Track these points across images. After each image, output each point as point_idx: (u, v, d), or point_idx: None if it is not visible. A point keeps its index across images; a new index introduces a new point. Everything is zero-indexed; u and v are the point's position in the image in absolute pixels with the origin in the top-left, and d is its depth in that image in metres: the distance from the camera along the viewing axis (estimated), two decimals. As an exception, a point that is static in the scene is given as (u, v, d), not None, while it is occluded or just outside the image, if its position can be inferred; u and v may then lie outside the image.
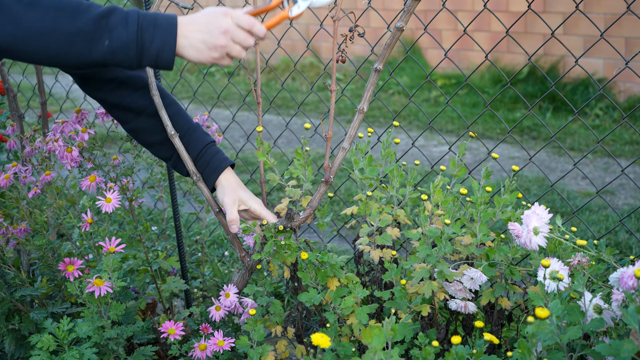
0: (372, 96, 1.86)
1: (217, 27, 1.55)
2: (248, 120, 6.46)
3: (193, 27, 1.54)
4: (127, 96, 1.98)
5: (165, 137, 1.99)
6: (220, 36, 1.55)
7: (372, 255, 2.01)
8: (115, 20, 1.49)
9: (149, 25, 1.51)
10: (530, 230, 1.50)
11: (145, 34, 1.51)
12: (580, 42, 6.08)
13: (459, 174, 2.07)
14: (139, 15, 1.51)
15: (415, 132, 5.94)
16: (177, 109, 2.02)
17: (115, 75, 1.98)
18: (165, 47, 1.52)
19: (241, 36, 1.57)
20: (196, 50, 1.56)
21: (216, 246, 3.31)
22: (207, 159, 2.00)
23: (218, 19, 1.56)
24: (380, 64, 1.78)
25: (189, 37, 1.54)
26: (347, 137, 1.88)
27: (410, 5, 1.68)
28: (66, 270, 1.87)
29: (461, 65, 6.94)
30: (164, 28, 1.52)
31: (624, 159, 4.92)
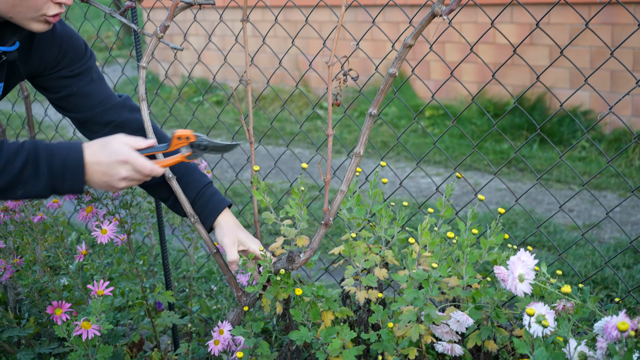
0: (367, 140, 1.88)
1: (117, 173, 1.75)
2: (237, 151, 6.47)
3: (97, 168, 1.74)
4: None
5: (163, 179, 2.00)
6: (119, 181, 1.76)
7: (357, 297, 2.02)
8: (27, 174, 1.68)
9: (58, 173, 1.70)
10: (515, 278, 1.52)
11: (56, 182, 1.71)
12: (566, 75, 6.15)
13: (446, 214, 2.09)
14: (49, 163, 1.69)
15: (403, 162, 5.97)
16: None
17: (112, 119, 2.00)
18: (74, 189, 1.74)
19: (138, 177, 1.79)
20: (99, 187, 1.78)
21: (203, 280, 3.31)
22: (205, 200, 2.02)
23: (117, 167, 1.75)
24: (375, 109, 1.81)
25: (93, 177, 1.74)
26: (345, 180, 1.90)
27: (402, 52, 1.71)
28: (54, 313, 1.87)
29: (449, 96, 7.00)
30: (72, 173, 1.71)
31: (610, 191, 4.95)
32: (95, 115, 1.99)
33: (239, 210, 3.21)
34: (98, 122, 2.00)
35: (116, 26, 14.65)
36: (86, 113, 1.99)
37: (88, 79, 1.99)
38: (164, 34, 1.95)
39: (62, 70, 1.95)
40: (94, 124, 2.00)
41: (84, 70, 1.99)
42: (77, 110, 2.00)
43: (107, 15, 2.61)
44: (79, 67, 1.97)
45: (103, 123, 2.00)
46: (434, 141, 6.27)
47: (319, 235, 1.96)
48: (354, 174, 1.90)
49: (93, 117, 1.99)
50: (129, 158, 1.76)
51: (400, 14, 7.19)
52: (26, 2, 1.68)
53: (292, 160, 6.01)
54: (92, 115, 1.99)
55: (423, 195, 5.04)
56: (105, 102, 2.01)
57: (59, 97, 1.99)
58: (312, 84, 8.24)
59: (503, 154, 5.89)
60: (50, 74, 1.95)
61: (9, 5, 1.67)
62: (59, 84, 1.97)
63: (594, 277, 3.56)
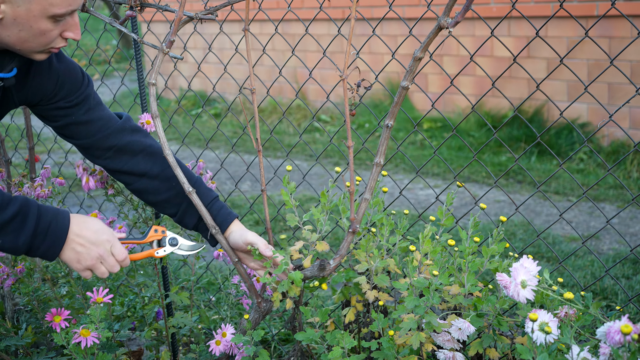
0: (386, 149, 1.91)
1: (94, 251, 1.80)
2: (234, 163, 6.47)
3: (77, 240, 1.79)
4: (127, 162, 2.03)
5: (169, 196, 2.04)
6: (91, 259, 1.81)
7: (367, 295, 2.02)
8: (12, 227, 1.71)
9: (41, 233, 1.74)
10: (518, 284, 1.51)
11: (36, 242, 1.74)
12: (564, 87, 6.16)
13: (446, 223, 2.09)
14: (37, 222, 1.73)
15: (401, 174, 5.98)
16: (181, 166, 2.06)
17: (113, 144, 2.02)
18: (47, 254, 1.77)
19: (110, 262, 1.84)
20: (68, 259, 1.80)
21: (202, 291, 3.30)
22: (214, 214, 2.04)
23: (98, 244, 1.81)
24: (391, 120, 1.85)
25: (69, 246, 1.78)
26: (368, 188, 1.93)
27: (413, 65, 1.74)
28: (53, 320, 1.86)
29: (447, 108, 7.02)
30: (53, 237, 1.76)
31: (608, 203, 4.96)
32: (97, 141, 2.02)
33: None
34: (100, 147, 2.02)
35: (114, 40, 14.70)
36: (87, 140, 2.01)
37: (86, 108, 2.01)
38: (169, 49, 1.96)
39: (60, 102, 1.97)
40: (97, 149, 2.03)
41: (82, 100, 2.00)
42: (78, 137, 2.02)
43: (106, 26, 2.62)
44: (76, 97, 1.99)
45: (105, 148, 2.02)
46: (431, 153, 6.28)
47: (347, 242, 1.98)
48: (376, 182, 1.92)
49: (95, 143, 2.02)
50: (112, 240, 1.84)
51: (398, 28, 7.22)
52: (38, 39, 1.72)
53: (290, 172, 6.01)
54: (94, 142, 2.02)
55: (421, 207, 5.04)
56: (106, 128, 2.02)
57: (59, 125, 2.01)
58: (310, 97, 8.26)
59: (501, 166, 5.89)
60: (48, 105, 1.97)
61: (21, 40, 1.71)
62: (57, 114, 1.98)
63: (593, 288, 3.55)
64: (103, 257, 1.82)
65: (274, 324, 3.07)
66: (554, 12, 6.09)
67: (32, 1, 1.65)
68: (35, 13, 1.66)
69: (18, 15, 1.66)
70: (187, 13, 2.02)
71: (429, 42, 1.69)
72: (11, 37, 1.70)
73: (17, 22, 1.67)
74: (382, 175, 2.33)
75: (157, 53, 1.96)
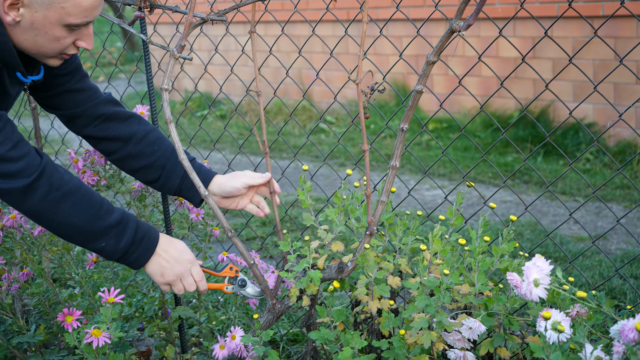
0: (402, 151, 1.92)
1: (176, 267, 1.94)
2: (240, 164, 6.48)
3: (163, 255, 1.93)
4: (115, 128, 2.12)
5: (152, 160, 2.12)
6: (172, 275, 1.94)
7: (370, 306, 2.01)
8: (116, 231, 1.85)
9: (138, 241, 1.88)
10: (530, 282, 1.51)
11: (131, 248, 1.88)
12: (569, 88, 6.16)
13: (456, 222, 2.09)
14: (136, 230, 1.88)
15: (407, 175, 5.97)
16: (158, 134, 2.17)
17: (102, 112, 2.11)
18: (138, 261, 1.91)
19: (189, 281, 1.96)
20: (152, 271, 1.93)
21: (210, 292, 3.30)
22: (196, 169, 2.10)
23: (181, 263, 1.95)
24: (406, 124, 1.86)
25: (155, 259, 1.92)
26: (384, 191, 1.94)
27: (426, 69, 1.74)
28: (65, 320, 1.86)
29: (452, 109, 7.01)
30: (146, 246, 1.90)
31: (615, 203, 4.95)
32: (87, 109, 2.10)
33: (245, 222, 3.21)
34: (90, 116, 2.10)
35: (119, 42, 14.71)
36: (78, 109, 2.09)
37: (79, 77, 2.10)
38: (181, 54, 1.97)
39: (56, 70, 2.04)
40: (85, 117, 2.10)
41: (74, 68, 2.08)
42: (69, 106, 2.10)
43: (112, 27, 2.63)
44: (69, 65, 2.06)
45: (94, 117, 2.10)
46: (437, 154, 6.28)
47: (362, 245, 1.98)
48: (391, 184, 1.93)
49: (84, 111, 2.10)
50: (193, 261, 1.97)
51: (403, 29, 7.22)
52: (52, 44, 1.80)
53: (296, 173, 6.01)
54: (83, 110, 2.10)
55: (428, 207, 5.04)
56: (95, 97, 2.12)
57: (52, 94, 2.08)
58: (315, 98, 8.26)
59: (507, 167, 5.89)
60: (47, 74, 2.03)
61: (36, 44, 1.78)
62: (53, 83, 2.05)
63: (602, 288, 3.55)
64: (183, 275, 1.95)
65: (282, 325, 3.07)
66: (559, 13, 6.07)
67: (50, 8, 1.72)
68: (52, 20, 1.73)
69: (35, 20, 1.73)
70: (199, 15, 2.02)
71: (442, 45, 1.69)
72: (27, 41, 1.77)
73: (33, 27, 1.74)
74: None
75: (169, 58, 1.97)
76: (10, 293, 2.52)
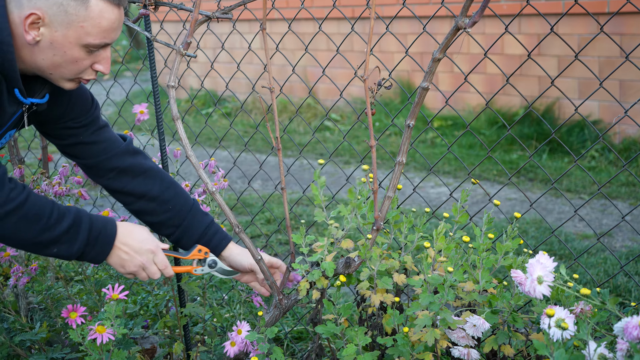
0: (408, 147, 1.93)
1: (138, 258, 1.93)
2: (246, 161, 6.48)
3: (123, 248, 1.92)
4: (127, 183, 2.12)
5: (166, 218, 2.14)
6: (134, 266, 1.94)
7: (372, 300, 2.01)
8: (68, 237, 1.84)
9: (92, 242, 1.87)
10: (534, 280, 1.51)
11: (87, 249, 1.87)
12: (575, 85, 6.14)
13: (461, 220, 2.09)
14: (89, 232, 1.86)
15: (412, 172, 5.97)
16: (178, 189, 2.18)
17: (116, 165, 2.11)
18: (96, 259, 1.91)
19: (152, 270, 1.97)
20: (114, 264, 1.94)
21: (214, 289, 3.30)
22: (209, 237, 2.17)
23: (142, 253, 1.94)
24: (412, 120, 1.86)
25: (114, 253, 1.91)
26: (391, 186, 1.94)
27: (432, 66, 1.74)
28: (69, 316, 1.87)
29: (457, 107, 7.00)
30: (102, 245, 1.89)
31: (620, 200, 4.94)
32: (101, 162, 2.10)
33: (250, 219, 3.21)
34: (103, 168, 2.11)
35: (124, 40, 14.73)
36: (92, 160, 2.10)
37: (93, 129, 2.09)
38: (187, 51, 1.97)
39: (69, 122, 2.04)
40: (100, 169, 2.11)
41: (89, 121, 2.08)
42: (83, 157, 2.11)
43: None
44: (85, 119, 2.07)
45: (108, 169, 2.11)
46: (442, 152, 6.28)
47: (372, 240, 1.98)
48: (398, 180, 1.93)
49: (99, 163, 2.10)
50: (155, 249, 1.96)
51: (408, 26, 7.21)
52: (71, 66, 1.79)
53: (301, 170, 6.02)
54: (97, 162, 2.10)
55: (433, 205, 5.03)
56: (110, 150, 2.11)
57: (65, 144, 2.09)
58: (320, 95, 8.26)
59: (512, 164, 5.88)
60: (57, 124, 2.04)
61: (54, 65, 1.78)
62: (65, 133, 2.06)
63: (606, 286, 3.54)
64: (144, 265, 1.95)
65: (287, 322, 3.07)
66: (564, 9, 6.05)
67: (69, 28, 1.73)
68: (71, 39, 1.74)
69: (54, 40, 1.74)
70: (204, 12, 2.02)
71: (448, 43, 1.69)
72: (45, 61, 1.77)
73: (52, 46, 1.74)
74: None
75: (175, 56, 1.97)
76: (18, 288, 2.53)
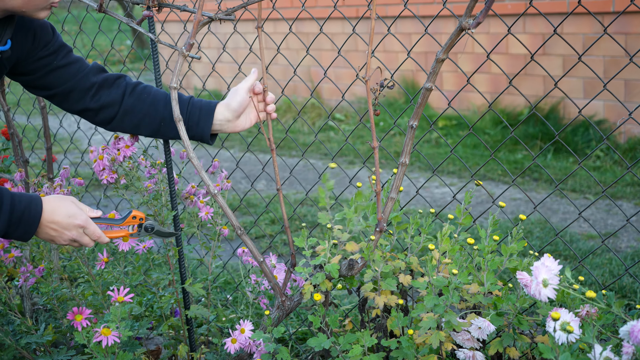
0: (411, 149, 1.92)
1: (67, 233, 1.91)
2: (249, 162, 6.48)
3: (50, 225, 1.89)
4: (107, 94, 2.12)
5: (148, 110, 2.12)
6: (65, 240, 1.93)
7: (377, 301, 2.01)
8: None
9: (15, 222, 1.84)
10: (539, 283, 1.50)
11: (10, 229, 1.85)
12: (580, 84, 6.13)
13: (464, 222, 2.09)
14: (11, 212, 1.83)
15: (416, 172, 5.96)
16: (145, 85, 2.18)
17: (93, 81, 2.12)
18: (22, 238, 1.89)
19: (84, 241, 1.95)
20: (44, 239, 1.93)
21: (219, 290, 3.31)
22: (197, 105, 2.13)
23: (71, 228, 1.91)
24: (415, 121, 1.85)
25: (43, 230, 1.89)
26: (394, 187, 1.94)
27: (436, 66, 1.73)
28: (74, 319, 1.87)
29: (462, 106, 6.99)
30: (26, 225, 1.87)
31: (625, 200, 4.92)
32: (78, 82, 2.11)
33: (254, 220, 3.21)
34: (82, 88, 2.11)
35: (128, 40, 14.74)
36: (69, 83, 2.10)
37: (64, 53, 2.11)
38: (189, 53, 1.97)
39: (41, 51, 2.06)
40: (78, 91, 2.11)
41: (58, 46, 2.10)
42: (60, 83, 2.10)
43: (121, 26, 2.63)
44: (52, 44, 2.09)
45: (87, 88, 2.11)
46: (447, 152, 6.26)
47: (375, 242, 1.98)
48: (401, 181, 1.93)
49: (76, 84, 2.11)
50: (84, 223, 1.93)
51: (412, 25, 7.20)
52: None
53: (305, 171, 6.01)
54: (74, 83, 2.11)
55: (437, 205, 5.03)
56: (83, 68, 2.13)
57: (41, 75, 2.09)
58: (324, 95, 8.25)
59: (517, 164, 5.87)
60: (30, 58, 2.06)
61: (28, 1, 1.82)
62: (40, 64, 2.07)
63: (612, 287, 3.53)
64: (75, 239, 1.93)
65: (291, 323, 3.07)
66: (569, 9, 6.03)
67: None
68: None
69: None
70: (206, 13, 2.02)
71: (451, 43, 1.68)
72: (18, 1, 1.82)
73: None
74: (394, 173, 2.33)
75: (178, 57, 1.97)
76: (23, 289, 2.53)
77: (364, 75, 1.85)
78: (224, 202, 2.01)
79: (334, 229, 2.10)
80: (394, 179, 1.92)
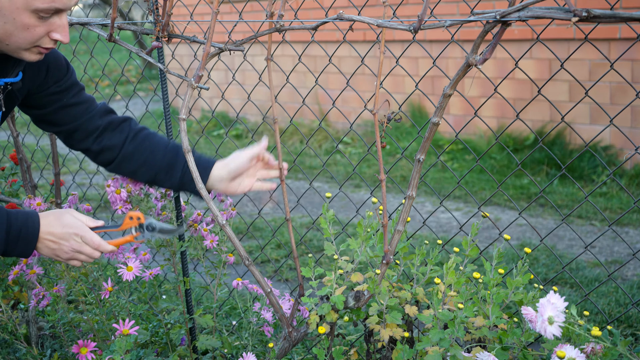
0: (418, 182, 1.93)
1: (66, 244, 1.88)
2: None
3: (49, 238, 1.86)
4: (110, 138, 2.14)
5: (144, 158, 2.13)
6: (66, 252, 1.89)
7: (382, 334, 2.01)
8: None
9: (13, 240, 1.82)
10: (545, 320, 1.51)
11: (9, 247, 1.82)
12: (586, 110, 6.14)
13: (471, 253, 2.09)
14: (7, 231, 1.80)
15: (422, 197, 5.96)
16: (148, 131, 2.20)
17: (99, 124, 2.14)
18: (22, 255, 1.86)
19: (87, 251, 1.90)
20: (46, 255, 1.90)
21: (224, 316, 3.30)
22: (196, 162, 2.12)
23: (69, 238, 1.87)
24: (422, 155, 1.87)
25: (43, 245, 1.86)
26: (401, 220, 1.95)
27: (442, 102, 1.75)
28: (80, 352, 1.87)
29: (468, 130, 7.01)
30: (24, 242, 1.84)
31: (632, 227, 4.92)
32: (84, 122, 2.13)
33: (261, 245, 3.21)
34: (86, 129, 2.13)
35: (137, 60, 14.82)
36: (75, 123, 2.12)
37: (75, 91, 2.13)
38: (198, 84, 2.00)
39: (52, 87, 2.07)
40: (82, 131, 2.13)
41: (70, 84, 2.12)
42: (66, 122, 2.12)
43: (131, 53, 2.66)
44: (64, 82, 2.10)
45: (91, 130, 2.13)
46: (452, 176, 6.27)
47: (382, 274, 1.99)
48: (408, 214, 1.93)
49: (81, 125, 2.13)
50: (80, 231, 1.88)
51: (419, 50, 7.24)
52: (23, 34, 1.75)
53: (311, 194, 6.02)
54: (80, 124, 2.13)
55: (443, 231, 5.03)
56: (92, 109, 2.15)
57: (50, 111, 2.11)
58: (331, 118, 8.28)
59: (523, 189, 5.86)
60: (41, 92, 2.07)
61: (7, 34, 1.74)
62: (49, 100, 2.09)
63: (617, 316, 3.52)
64: (76, 249, 1.89)
65: (297, 351, 3.06)
66: (576, 35, 6.04)
67: None
68: (18, 5, 1.69)
69: (2, 7, 1.69)
70: (216, 44, 2.04)
71: (458, 79, 1.70)
72: None
73: (1, 14, 1.70)
74: (403, 203, 2.34)
75: (187, 87, 1.99)
76: (29, 313, 2.54)
77: (372, 108, 1.87)
78: (232, 233, 2.02)
79: (339, 260, 2.10)
80: (401, 211, 1.93)
